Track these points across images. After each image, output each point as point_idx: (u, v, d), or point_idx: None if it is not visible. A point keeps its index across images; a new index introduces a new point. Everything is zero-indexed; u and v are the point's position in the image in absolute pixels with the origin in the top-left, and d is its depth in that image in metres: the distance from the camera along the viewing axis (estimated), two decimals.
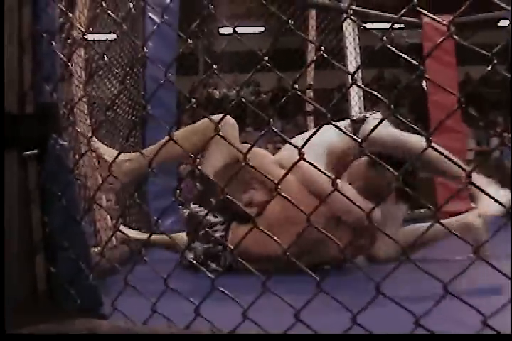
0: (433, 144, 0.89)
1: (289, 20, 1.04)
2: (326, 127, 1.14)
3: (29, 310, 1.24)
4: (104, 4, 1.43)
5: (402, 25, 4.74)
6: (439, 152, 0.98)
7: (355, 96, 4.55)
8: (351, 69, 4.43)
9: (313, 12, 4.78)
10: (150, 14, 3.38)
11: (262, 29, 12.71)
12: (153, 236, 2.35)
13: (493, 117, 11.11)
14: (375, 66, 12.16)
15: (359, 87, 1.33)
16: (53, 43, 1.30)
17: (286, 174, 1.08)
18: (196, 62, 11.62)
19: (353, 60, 4.58)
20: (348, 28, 4.60)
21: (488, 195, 1.03)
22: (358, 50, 4.62)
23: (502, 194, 2.26)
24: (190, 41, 1.19)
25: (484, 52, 0.86)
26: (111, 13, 1.36)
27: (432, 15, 1.05)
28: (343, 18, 4.42)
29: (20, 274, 1.25)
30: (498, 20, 5.37)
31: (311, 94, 4.85)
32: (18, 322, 1.13)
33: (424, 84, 4.72)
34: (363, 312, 0.97)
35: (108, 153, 2.44)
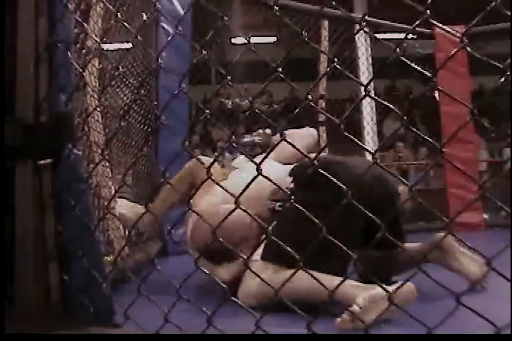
0: None
1: (303, 31, 1.05)
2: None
3: (43, 318, 1.25)
4: (118, 15, 1.44)
5: (415, 36, 4.74)
6: None
7: (368, 106, 4.55)
8: (363, 79, 4.44)
9: (326, 22, 4.80)
10: (163, 24, 3.40)
11: (274, 39, 12.75)
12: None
13: (506, 128, 11.03)
14: (388, 77, 12.17)
15: (372, 98, 1.33)
16: (69, 53, 1.32)
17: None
18: (209, 72, 11.67)
19: (365, 70, 4.59)
20: (361, 39, 4.61)
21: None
22: (370, 61, 4.63)
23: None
24: (204, 52, 1.19)
25: (497, 63, 0.86)
26: (125, 24, 1.37)
27: (445, 27, 1.05)
28: (356, 30, 4.43)
29: (34, 282, 1.25)
30: None
31: (323, 104, 4.85)
32: (32, 329, 1.13)
33: (436, 94, 4.71)
34: None
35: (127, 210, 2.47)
